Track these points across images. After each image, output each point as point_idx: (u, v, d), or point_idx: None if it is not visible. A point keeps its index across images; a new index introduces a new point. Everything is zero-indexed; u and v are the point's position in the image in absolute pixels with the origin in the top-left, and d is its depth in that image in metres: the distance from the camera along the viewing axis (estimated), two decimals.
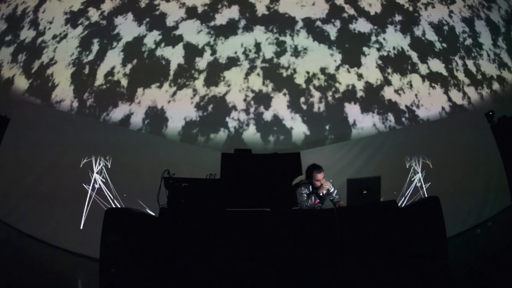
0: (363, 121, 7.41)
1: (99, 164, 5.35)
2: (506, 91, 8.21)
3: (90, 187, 5.20)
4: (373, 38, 8.11)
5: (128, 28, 7.92)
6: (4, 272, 3.79)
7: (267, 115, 7.39)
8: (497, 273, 3.52)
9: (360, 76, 7.78)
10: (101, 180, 5.24)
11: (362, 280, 3.34)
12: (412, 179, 5.55)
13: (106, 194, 5.18)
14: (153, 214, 4.09)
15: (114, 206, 5.04)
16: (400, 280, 3.34)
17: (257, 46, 7.83)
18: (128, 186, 5.18)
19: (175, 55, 7.73)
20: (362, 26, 8.15)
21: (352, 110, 7.48)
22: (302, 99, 7.53)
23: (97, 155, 5.41)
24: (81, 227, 4.97)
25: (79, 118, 6.71)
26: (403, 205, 3.86)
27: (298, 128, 7.31)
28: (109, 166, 5.33)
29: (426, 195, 5.38)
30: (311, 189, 4.16)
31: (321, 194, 4.18)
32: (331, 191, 4.23)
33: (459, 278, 3.56)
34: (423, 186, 5.46)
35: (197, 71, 7.62)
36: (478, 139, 6.11)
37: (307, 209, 4.04)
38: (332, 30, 8.03)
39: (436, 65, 8.11)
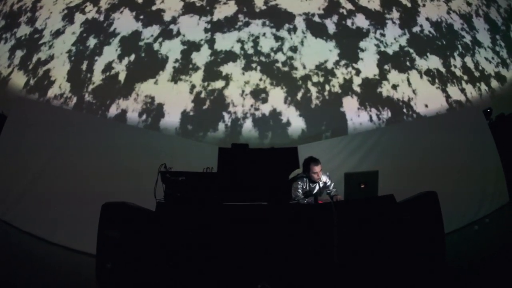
0: (361, 116, 7.41)
1: (97, 159, 5.32)
2: (504, 88, 8.22)
3: (89, 183, 5.16)
4: (371, 33, 8.10)
5: (125, 23, 7.91)
6: (2, 270, 3.78)
7: (265, 110, 7.38)
8: (494, 269, 3.53)
9: (357, 71, 7.78)
10: (99, 175, 5.21)
11: (359, 275, 3.34)
12: (409, 174, 5.53)
13: (104, 189, 5.13)
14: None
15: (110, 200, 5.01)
16: (397, 275, 3.34)
17: (255, 41, 7.82)
18: (125, 181, 5.15)
19: (172, 50, 7.72)
20: (360, 21, 8.15)
21: (350, 105, 7.48)
22: (300, 94, 7.52)
23: (94, 150, 5.38)
24: (79, 224, 4.93)
25: (77, 113, 6.69)
26: (400, 200, 3.86)
27: (295, 123, 7.31)
28: (106, 161, 5.31)
29: (423, 190, 5.36)
30: (307, 183, 4.16)
31: (317, 187, 4.19)
32: (328, 183, 4.23)
33: (457, 274, 3.56)
34: (420, 181, 5.43)
35: (194, 66, 7.61)
36: (475, 136, 6.10)
37: (304, 203, 4.04)
38: (330, 25, 8.03)
39: (434, 62, 8.10)
